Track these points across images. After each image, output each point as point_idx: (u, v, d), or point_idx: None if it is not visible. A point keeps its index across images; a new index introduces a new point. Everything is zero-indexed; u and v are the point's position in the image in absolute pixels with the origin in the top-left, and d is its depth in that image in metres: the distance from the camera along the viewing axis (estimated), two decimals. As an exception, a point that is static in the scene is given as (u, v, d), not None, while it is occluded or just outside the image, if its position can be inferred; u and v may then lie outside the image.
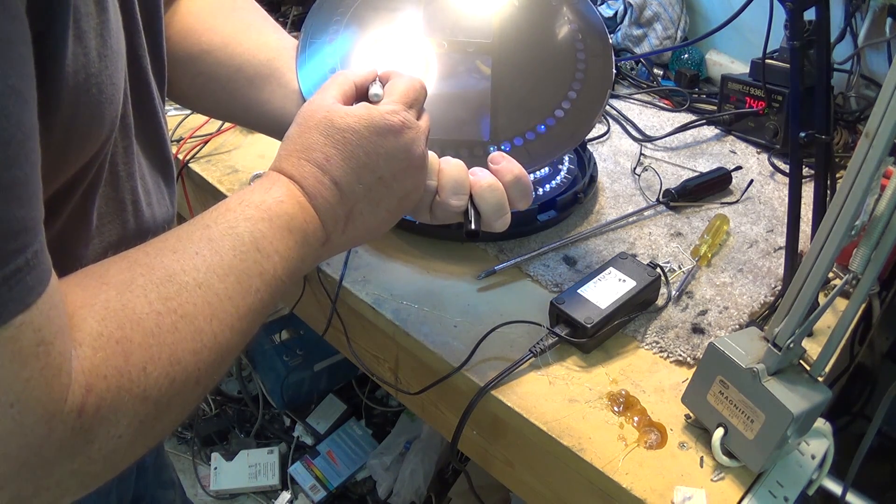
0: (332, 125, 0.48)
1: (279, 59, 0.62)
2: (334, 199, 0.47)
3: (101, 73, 0.37)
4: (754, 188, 0.91)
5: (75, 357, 0.32)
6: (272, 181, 0.46)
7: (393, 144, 0.49)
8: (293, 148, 0.48)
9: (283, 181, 0.46)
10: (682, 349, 0.65)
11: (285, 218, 0.44)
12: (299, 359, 1.65)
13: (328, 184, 0.47)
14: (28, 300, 0.30)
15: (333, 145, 0.47)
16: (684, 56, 1.22)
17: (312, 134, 0.48)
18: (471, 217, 0.54)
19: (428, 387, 0.64)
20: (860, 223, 0.46)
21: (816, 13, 0.62)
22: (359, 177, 0.48)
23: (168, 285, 0.38)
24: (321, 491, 1.57)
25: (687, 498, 0.52)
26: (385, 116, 0.48)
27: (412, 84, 0.52)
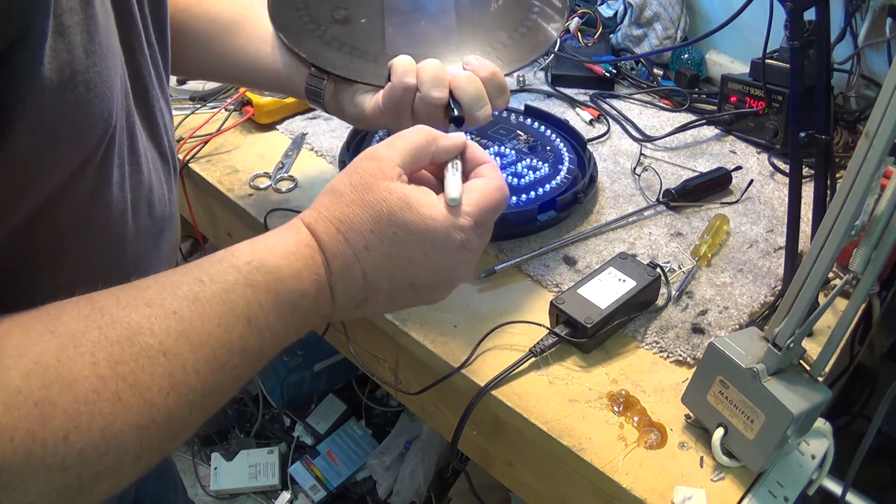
0: (389, 215, 0.42)
1: (251, 9, 0.64)
2: (356, 288, 0.43)
3: (88, 71, 0.35)
4: (754, 188, 0.91)
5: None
6: (298, 244, 0.41)
7: (442, 260, 0.44)
8: (335, 214, 0.42)
9: (309, 250, 0.41)
10: (682, 349, 0.65)
11: (295, 295, 0.39)
12: (299, 359, 1.65)
13: (357, 273, 0.42)
14: None
15: (380, 237, 0.42)
16: (684, 56, 1.22)
17: (361, 212, 0.42)
18: (453, 106, 0.55)
19: (428, 387, 0.64)
20: (860, 223, 0.46)
21: (816, 13, 0.62)
22: (391, 277, 0.43)
23: (125, 346, 0.33)
24: (321, 491, 1.57)
25: (687, 498, 0.52)
26: (449, 232, 0.43)
27: (493, 197, 0.45)
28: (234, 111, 0.97)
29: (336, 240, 0.41)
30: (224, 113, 0.96)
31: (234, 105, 0.97)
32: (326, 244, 0.41)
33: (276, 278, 0.38)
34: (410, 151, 0.44)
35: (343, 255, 0.42)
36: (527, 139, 0.92)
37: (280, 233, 0.42)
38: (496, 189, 0.46)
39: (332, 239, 0.41)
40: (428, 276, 0.44)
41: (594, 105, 1.10)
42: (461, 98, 0.55)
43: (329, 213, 0.42)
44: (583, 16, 1.28)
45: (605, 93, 1.15)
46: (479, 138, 0.91)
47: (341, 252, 0.41)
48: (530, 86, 1.16)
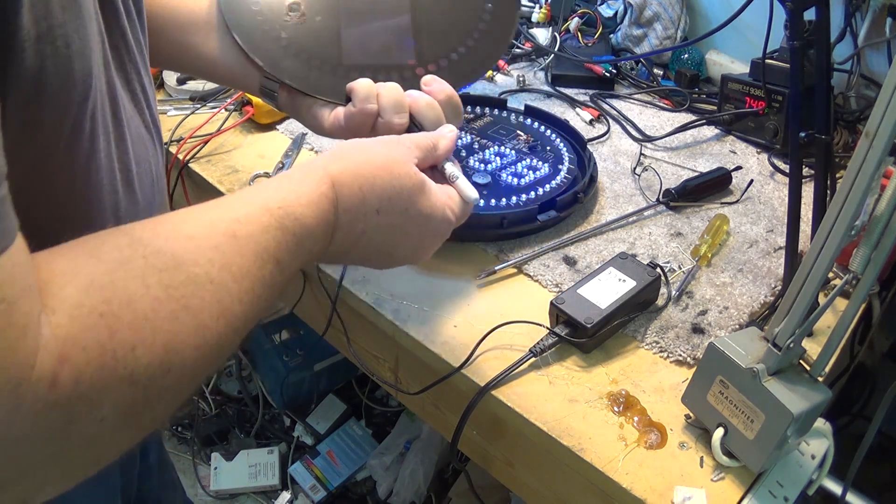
0: (409, 191, 0.48)
1: (210, 7, 0.64)
2: (348, 242, 0.47)
3: (65, 25, 0.35)
4: (754, 188, 0.91)
5: (46, 323, 0.30)
6: (321, 196, 0.44)
7: (426, 242, 0.51)
8: (363, 172, 0.46)
9: (329, 203, 0.44)
10: (682, 349, 0.65)
11: (311, 241, 0.43)
12: (299, 359, 1.65)
13: (358, 230, 0.46)
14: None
15: (393, 206, 0.47)
16: (684, 56, 1.22)
17: (387, 179, 0.47)
18: (416, 127, 0.58)
19: (428, 387, 0.64)
20: (860, 223, 0.46)
21: (816, 13, 0.62)
22: (382, 242, 0.48)
23: (173, 273, 0.34)
24: (321, 491, 1.57)
25: (687, 498, 0.52)
26: (443, 221, 0.51)
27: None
28: (234, 111, 0.97)
29: (355, 196, 0.45)
30: (224, 113, 0.96)
31: (234, 105, 0.97)
32: (344, 197, 0.45)
33: (300, 225, 0.42)
34: (423, 150, 0.51)
35: (354, 212, 0.45)
36: (527, 139, 0.92)
37: (306, 179, 0.44)
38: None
39: (352, 194, 0.45)
40: (408, 251, 0.50)
41: (594, 105, 1.10)
42: (422, 123, 0.57)
43: (357, 168, 0.46)
44: (583, 16, 1.28)
45: (605, 93, 1.15)
46: (479, 138, 0.91)
47: (354, 207, 0.45)
48: (530, 86, 1.16)
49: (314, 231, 0.43)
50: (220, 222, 0.38)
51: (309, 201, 0.43)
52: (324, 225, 0.44)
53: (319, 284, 0.75)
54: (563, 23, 1.28)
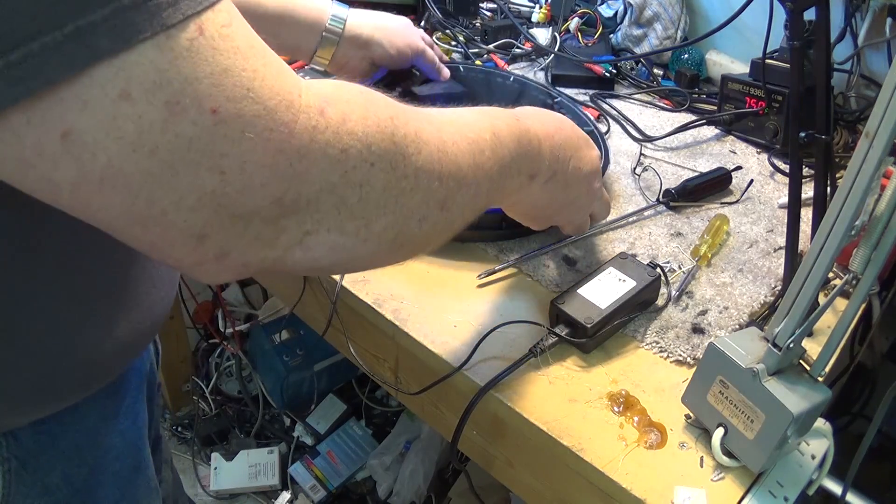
0: (576, 134, 0.60)
1: (295, 4, 0.75)
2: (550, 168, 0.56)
3: None
4: (754, 188, 0.91)
5: (305, 84, 0.34)
6: (532, 154, 0.53)
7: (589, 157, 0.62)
8: (548, 121, 0.57)
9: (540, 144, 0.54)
10: (682, 349, 0.65)
11: (528, 159, 0.52)
12: (299, 359, 1.65)
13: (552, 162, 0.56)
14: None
15: (563, 141, 0.57)
16: (684, 56, 1.22)
17: (569, 137, 0.58)
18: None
19: (428, 387, 0.64)
20: (860, 223, 0.46)
21: (816, 13, 0.62)
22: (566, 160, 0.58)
23: (464, 131, 0.44)
24: (321, 491, 1.57)
25: (687, 498, 0.52)
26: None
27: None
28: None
29: (547, 140, 0.55)
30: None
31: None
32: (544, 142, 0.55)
33: (536, 144, 0.53)
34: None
35: (551, 156, 0.56)
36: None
37: (518, 124, 0.52)
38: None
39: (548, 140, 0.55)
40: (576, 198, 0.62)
41: (594, 105, 1.10)
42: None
43: (546, 128, 0.56)
44: (583, 16, 1.28)
45: (605, 93, 1.15)
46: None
47: (550, 154, 0.56)
48: (530, 86, 1.16)
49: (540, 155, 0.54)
50: (500, 117, 0.50)
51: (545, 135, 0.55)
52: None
53: (319, 284, 0.75)
54: (563, 23, 1.28)
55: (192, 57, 0.28)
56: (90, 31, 0.26)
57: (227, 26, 0.30)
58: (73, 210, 0.31)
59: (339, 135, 0.34)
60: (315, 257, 0.36)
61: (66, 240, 0.43)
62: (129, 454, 0.60)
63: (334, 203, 0.35)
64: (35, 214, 0.40)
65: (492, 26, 1.26)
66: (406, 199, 0.38)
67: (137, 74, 0.27)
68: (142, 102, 0.28)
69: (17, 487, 0.49)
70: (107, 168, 0.29)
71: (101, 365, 0.51)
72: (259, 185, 0.32)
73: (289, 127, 0.32)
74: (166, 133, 0.29)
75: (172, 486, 0.82)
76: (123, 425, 0.58)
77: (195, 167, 0.30)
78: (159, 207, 0.30)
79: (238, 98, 0.30)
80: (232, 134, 0.30)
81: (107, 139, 0.28)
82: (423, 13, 1.27)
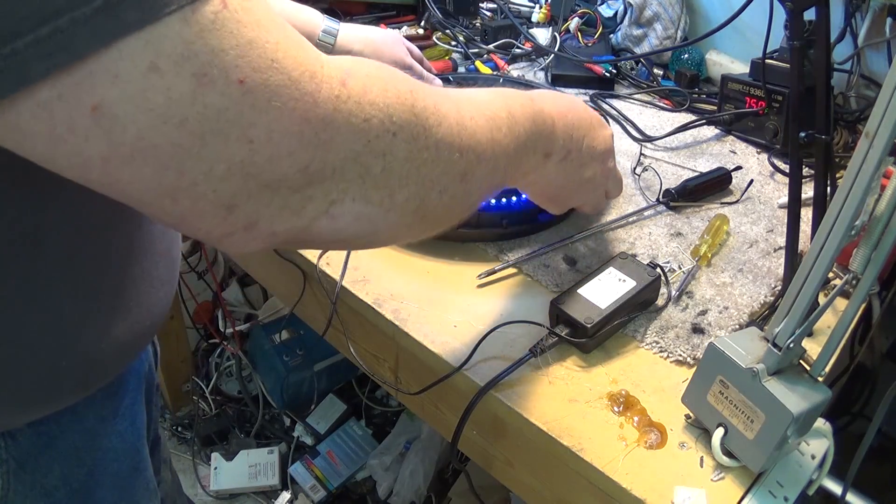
0: (588, 114, 0.61)
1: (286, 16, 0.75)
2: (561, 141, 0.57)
3: None
4: (754, 188, 0.91)
5: (325, 58, 0.34)
6: (545, 133, 0.54)
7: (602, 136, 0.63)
8: (561, 102, 0.58)
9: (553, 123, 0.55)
10: (682, 349, 0.65)
11: (542, 138, 0.54)
12: (299, 359, 1.65)
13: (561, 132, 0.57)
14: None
15: (577, 121, 0.59)
16: (684, 56, 1.22)
17: (585, 115, 0.60)
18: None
19: (428, 387, 0.64)
20: (860, 223, 0.46)
21: (816, 13, 0.62)
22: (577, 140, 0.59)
23: (483, 109, 0.45)
24: (321, 491, 1.57)
25: (687, 498, 0.52)
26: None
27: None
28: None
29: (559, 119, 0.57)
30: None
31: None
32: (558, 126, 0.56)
33: (548, 128, 0.54)
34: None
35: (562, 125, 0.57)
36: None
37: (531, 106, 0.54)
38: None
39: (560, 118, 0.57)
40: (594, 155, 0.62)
41: (594, 105, 1.10)
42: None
43: (559, 107, 0.57)
44: (583, 16, 1.28)
45: (605, 93, 1.15)
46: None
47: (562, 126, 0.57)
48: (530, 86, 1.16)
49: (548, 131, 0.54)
50: (515, 98, 0.51)
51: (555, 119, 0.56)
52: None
53: (319, 284, 0.75)
54: (563, 23, 1.28)
55: (217, 29, 0.29)
56: (118, 4, 0.26)
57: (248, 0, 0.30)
58: (102, 186, 0.31)
59: (362, 105, 0.35)
60: (340, 227, 0.37)
61: (67, 238, 0.43)
62: (127, 455, 0.60)
63: (359, 172, 0.35)
64: (38, 211, 0.40)
65: (492, 26, 1.26)
66: (427, 169, 0.39)
67: (165, 47, 0.28)
68: (170, 74, 0.28)
69: (15, 488, 0.49)
70: (137, 140, 0.29)
71: (100, 365, 0.51)
72: (286, 153, 0.32)
73: (313, 96, 0.32)
74: (195, 104, 0.29)
75: (171, 486, 0.82)
76: (122, 426, 0.58)
77: (224, 137, 0.30)
78: (189, 178, 0.31)
79: (264, 69, 0.30)
80: (259, 103, 0.30)
81: (137, 112, 0.28)
82: (423, 13, 1.27)
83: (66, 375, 0.48)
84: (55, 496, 0.52)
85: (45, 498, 0.52)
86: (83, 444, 0.54)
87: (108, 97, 0.28)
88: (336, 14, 1.22)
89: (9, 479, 0.49)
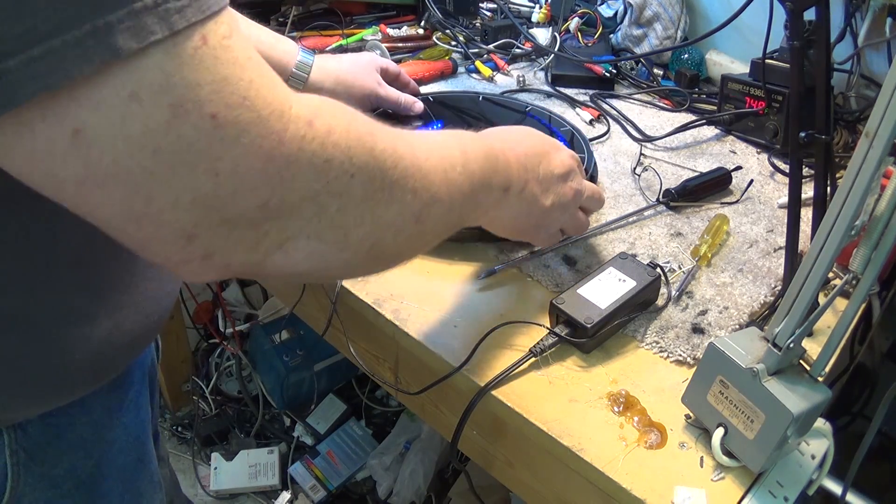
0: (542, 141, 0.62)
1: (264, 50, 0.76)
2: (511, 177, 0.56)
3: None
4: (754, 188, 0.91)
5: (295, 97, 0.35)
6: (500, 168, 0.54)
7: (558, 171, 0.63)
8: (528, 158, 0.58)
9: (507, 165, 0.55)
10: (682, 349, 0.65)
11: (498, 174, 0.54)
12: (299, 359, 1.65)
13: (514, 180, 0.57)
14: (227, 2, 0.32)
15: (530, 150, 0.59)
16: (684, 56, 1.22)
17: (534, 144, 0.60)
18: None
19: (428, 387, 0.64)
20: (860, 223, 0.46)
21: (816, 13, 0.62)
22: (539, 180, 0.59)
23: (435, 150, 0.45)
24: (321, 491, 1.57)
25: (687, 498, 0.52)
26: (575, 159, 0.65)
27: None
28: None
29: (511, 159, 0.57)
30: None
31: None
32: (511, 161, 0.57)
33: (501, 183, 0.54)
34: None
35: (518, 167, 0.57)
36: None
37: (484, 152, 0.54)
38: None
39: (512, 159, 0.57)
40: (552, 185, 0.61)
41: (594, 105, 1.10)
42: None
43: (507, 145, 0.57)
44: (583, 16, 1.28)
45: (605, 93, 1.15)
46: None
47: (516, 166, 0.57)
48: (530, 86, 1.16)
49: (498, 182, 0.54)
50: (466, 147, 0.50)
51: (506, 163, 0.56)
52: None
53: (319, 284, 0.75)
54: (563, 23, 1.28)
55: (196, 64, 0.30)
56: (107, 30, 0.28)
57: (227, 38, 0.32)
58: (72, 205, 0.32)
59: (325, 146, 0.36)
60: (293, 263, 0.38)
61: (79, 238, 0.45)
62: (132, 447, 0.61)
63: (315, 211, 0.37)
64: (52, 215, 0.41)
65: (492, 26, 1.26)
66: (382, 210, 0.40)
67: (147, 77, 0.29)
68: (149, 104, 0.29)
69: (25, 479, 0.50)
70: (112, 165, 0.30)
71: (110, 357, 0.52)
72: (249, 188, 0.33)
73: (279, 135, 0.33)
74: (169, 134, 0.30)
75: (170, 484, 0.83)
76: (127, 419, 0.59)
77: (192, 168, 0.31)
78: (156, 206, 0.32)
79: (235, 105, 0.31)
80: (228, 138, 0.31)
81: (115, 138, 0.29)
82: (423, 13, 1.27)
83: (80, 368, 0.50)
84: (62, 487, 0.53)
85: (53, 489, 0.53)
86: (90, 436, 0.55)
87: (89, 122, 0.29)
88: (336, 14, 1.22)
89: (19, 471, 0.50)
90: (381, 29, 1.20)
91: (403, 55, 1.18)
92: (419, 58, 1.17)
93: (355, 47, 1.14)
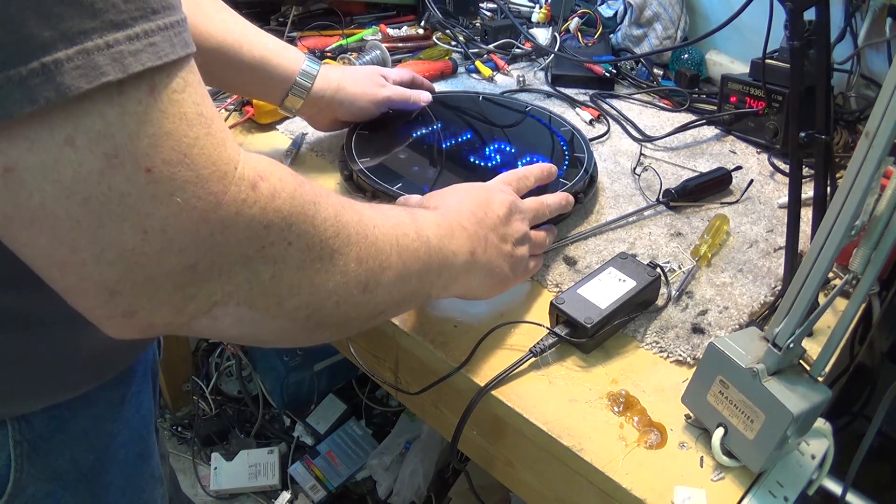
0: (476, 190, 0.62)
1: (271, 57, 0.78)
2: (466, 251, 0.56)
3: None
4: (754, 188, 0.91)
5: (244, 157, 0.35)
6: (457, 234, 0.55)
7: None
8: (474, 215, 0.58)
9: (464, 237, 0.56)
10: (682, 349, 0.65)
11: (455, 238, 0.55)
12: (299, 359, 1.65)
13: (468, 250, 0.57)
14: (187, 53, 0.31)
15: (472, 203, 0.60)
16: (684, 56, 1.22)
17: (475, 198, 0.60)
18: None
19: (428, 387, 0.64)
20: (860, 223, 0.46)
21: (816, 13, 0.62)
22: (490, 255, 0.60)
23: (389, 230, 0.45)
24: (321, 491, 1.57)
25: (687, 498, 0.52)
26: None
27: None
28: (234, 111, 0.97)
29: (469, 231, 0.57)
30: (224, 112, 0.96)
31: (235, 105, 0.97)
32: (468, 230, 0.57)
33: (454, 264, 0.54)
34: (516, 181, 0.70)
35: (474, 237, 0.58)
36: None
37: (440, 227, 0.54)
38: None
39: (469, 230, 0.57)
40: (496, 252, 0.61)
41: (594, 105, 1.10)
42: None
43: (469, 218, 0.58)
44: (583, 16, 1.28)
45: (605, 93, 1.15)
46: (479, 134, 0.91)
47: (476, 235, 0.58)
48: (530, 86, 1.16)
49: (458, 259, 0.55)
50: (413, 227, 0.50)
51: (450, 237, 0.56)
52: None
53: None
54: (563, 23, 1.28)
55: (138, 115, 0.29)
56: (56, 69, 0.27)
57: (178, 92, 0.31)
58: (2, 238, 0.31)
59: (266, 211, 0.35)
60: (221, 328, 0.37)
61: None
62: (134, 442, 0.61)
63: (247, 277, 0.36)
64: None
65: (492, 26, 1.26)
66: (321, 279, 0.39)
67: (85, 123, 0.28)
68: (84, 150, 0.28)
69: (28, 471, 0.51)
70: (39, 209, 0.29)
71: (115, 355, 0.53)
72: (177, 249, 0.32)
73: (217, 197, 0.33)
74: (100, 184, 0.29)
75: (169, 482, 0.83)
76: (129, 413, 0.60)
77: (120, 222, 0.30)
78: (80, 257, 0.31)
79: (173, 162, 0.31)
80: (160, 195, 0.31)
81: (45, 181, 0.29)
82: (423, 13, 1.27)
83: (85, 365, 0.50)
84: (64, 480, 0.54)
85: (55, 481, 0.53)
86: (93, 430, 0.55)
87: (21, 162, 0.28)
88: (336, 14, 1.22)
89: (22, 463, 0.50)
90: (381, 29, 1.20)
91: (403, 55, 1.18)
92: (419, 58, 1.17)
93: (355, 47, 1.14)
